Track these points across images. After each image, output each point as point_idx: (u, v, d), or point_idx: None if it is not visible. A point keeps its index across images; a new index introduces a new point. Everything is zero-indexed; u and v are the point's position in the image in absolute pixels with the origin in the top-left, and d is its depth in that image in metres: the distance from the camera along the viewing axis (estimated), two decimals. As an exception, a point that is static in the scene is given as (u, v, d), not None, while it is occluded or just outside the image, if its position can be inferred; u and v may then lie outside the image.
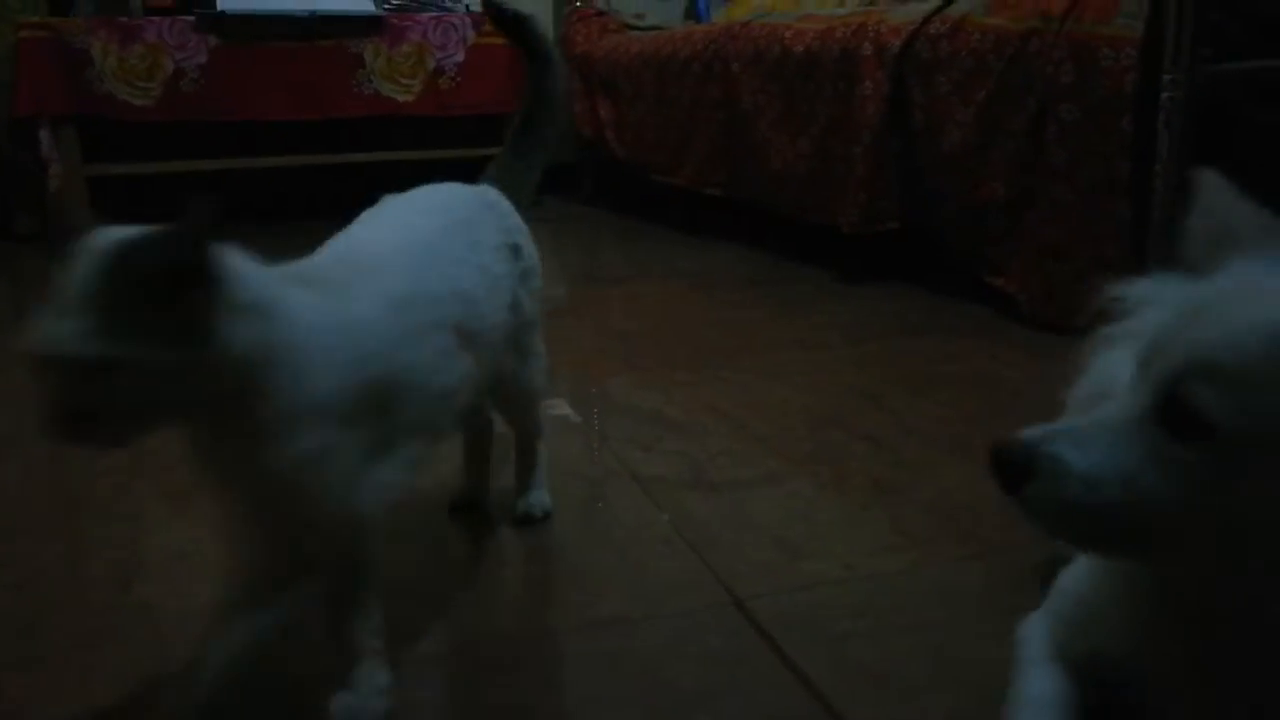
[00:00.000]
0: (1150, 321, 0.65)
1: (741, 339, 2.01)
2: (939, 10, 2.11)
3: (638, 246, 3.15)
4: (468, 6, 3.58)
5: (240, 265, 0.72)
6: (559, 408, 1.59)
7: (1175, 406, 0.55)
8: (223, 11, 3.18)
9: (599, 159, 3.66)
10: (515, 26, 1.14)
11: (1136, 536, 0.58)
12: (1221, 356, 0.53)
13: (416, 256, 0.90)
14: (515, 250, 1.05)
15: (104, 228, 0.69)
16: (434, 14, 3.43)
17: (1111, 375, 0.81)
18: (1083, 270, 1.80)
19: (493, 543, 1.17)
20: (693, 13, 3.97)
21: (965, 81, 2.01)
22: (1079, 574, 0.78)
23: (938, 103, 2.08)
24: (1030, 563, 1.00)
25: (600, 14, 3.78)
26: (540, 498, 1.19)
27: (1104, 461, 0.57)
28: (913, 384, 1.66)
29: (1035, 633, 0.79)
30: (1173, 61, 1.64)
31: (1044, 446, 0.58)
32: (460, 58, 3.44)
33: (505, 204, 1.07)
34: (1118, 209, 1.74)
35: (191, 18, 3.15)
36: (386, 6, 3.43)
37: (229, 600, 0.84)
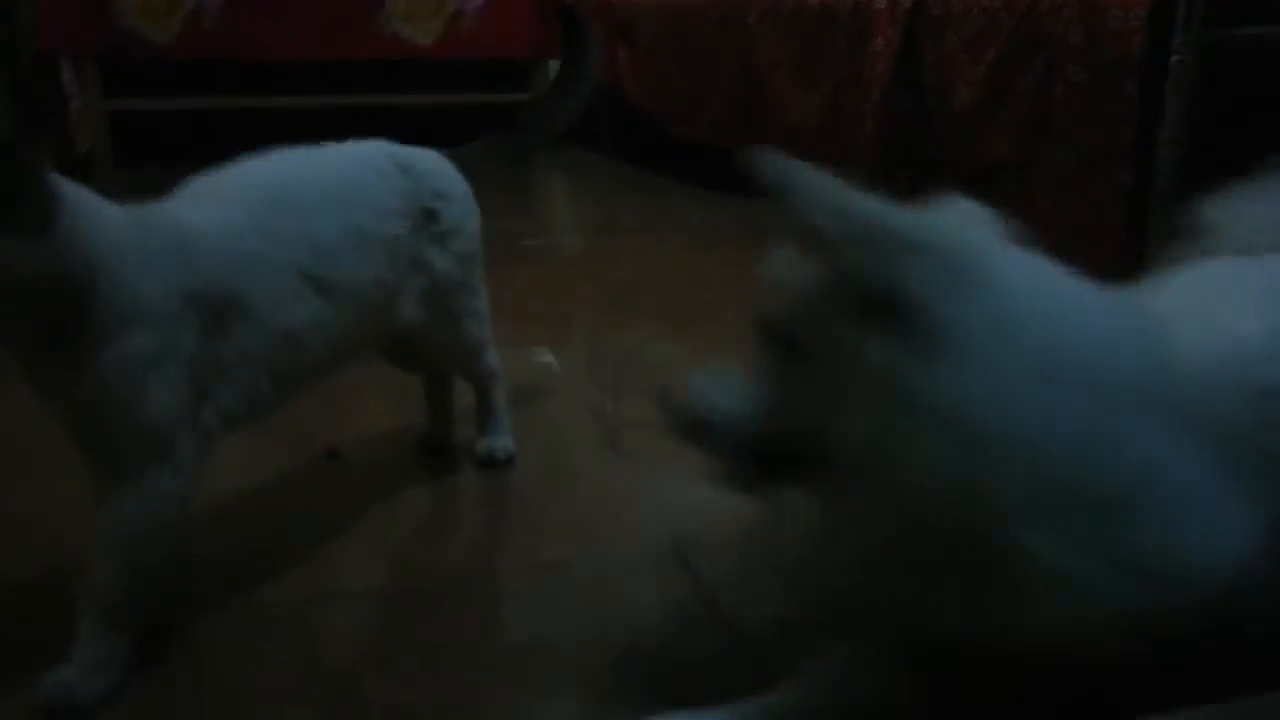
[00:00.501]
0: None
1: (735, 294, 2.00)
2: (954, -36, 2.06)
3: (650, 198, 3.13)
4: (491, -52, 3.55)
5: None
6: (542, 355, 1.60)
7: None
8: (244, -52, 3.17)
9: (618, 107, 3.63)
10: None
11: None
12: None
13: (270, 195, 0.92)
14: (429, 214, 1.06)
15: None
16: (456, -45, 3.41)
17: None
18: (1082, 236, 1.77)
19: (452, 484, 1.20)
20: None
21: (976, 39, 1.97)
22: None
23: (948, 60, 2.04)
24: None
25: (624, -43, 3.72)
26: (502, 442, 1.21)
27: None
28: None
29: None
30: (1183, 24, 1.60)
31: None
32: (481, 1, 3.41)
33: (431, 169, 1.09)
34: (1119, 176, 1.71)
35: (213, -47, 3.15)
36: (409, -53, 3.41)
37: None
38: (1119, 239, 1.73)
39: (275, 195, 0.93)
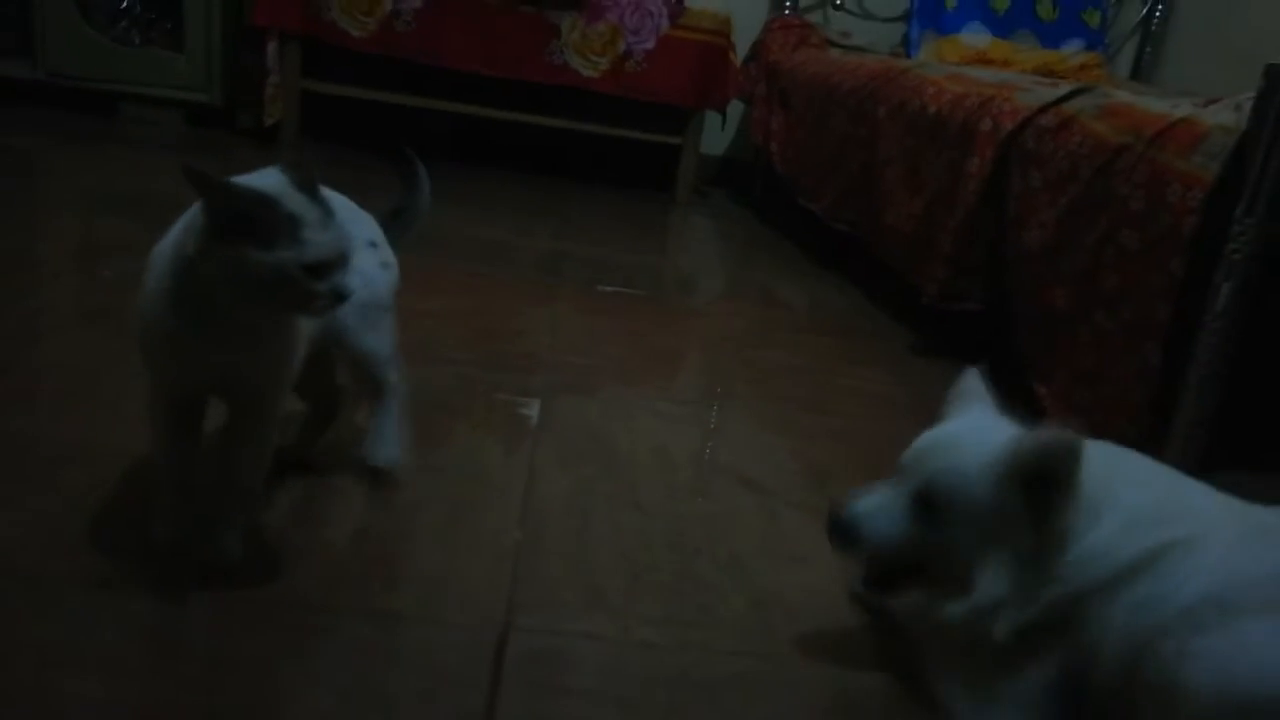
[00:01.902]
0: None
1: (770, 382, 2.03)
2: (1058, 101, 2.01)
3: (755, 262, 3.18)
4: (675, -4, 3.67)
5: None
6: (527, 406, 1.70)
7: (925, 499, 1.03)
8: (446, -36, 3.43)
9: (768, 168, 3.69)
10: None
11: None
12: (943, 479, 1.03)
13: None
14: (372, 244, 1.27)
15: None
16: (635, -1, 3.55)
17: None
18: (1107, 405, 1.71)
19: (342, 506, 1.31)
20: (905, 41, 3.88)
21: (1056, 182, 1.92)
22: None
23: (1029, 197, 1.99)
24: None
25: (804, 24, 3.77)
26: (389, 452, 1.29)
27: (884, 524, 1.05)
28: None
29: None
30: (1247, 210, 1.52)
31: (853, 515, 1.06)
32: (650, 45, 3.54)
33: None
34: (1149, 351, 1.63)
35: (418, -35, 3.42)
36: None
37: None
38: (1144, 413, 1.65)
39: None
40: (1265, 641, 0.84)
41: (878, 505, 1.05)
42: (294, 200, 0.96)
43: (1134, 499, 1.01)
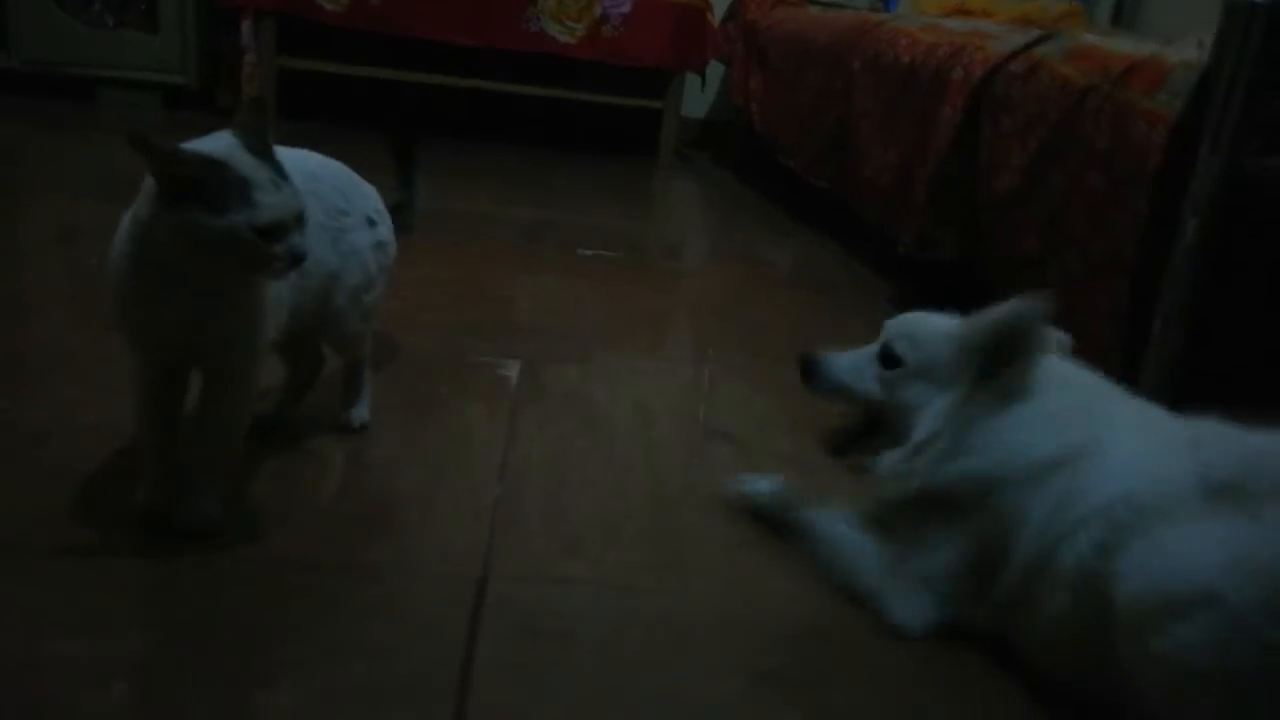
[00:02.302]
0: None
1: (751, 338, 2.05)
2: (1026, 47, 2.02)
3: (737, 223, 3.19)
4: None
5: None
6: (508, 368, 1.72)
7: (887, 351, 1.18)
8: (417, -66, 3.41)
9: (748, 129, 3.68)
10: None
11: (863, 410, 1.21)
12: (903, 333, 1.18)
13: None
14: (370, 223, 1.31)
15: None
16: (611, -38, 3.54)
17: None
18: (1081, 346, 1.72)
19: (322, 468, 1.33)
20: (883, -4, 3.86)
21: (1026, 127, 1.92)
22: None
23: (999, 143, 2.00)
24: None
25: (782, -17, 3.75)
26: (359, 413, 1.42)
27: (848, 365, 1.22)
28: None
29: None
30: (1211, 147, 1.53)
31: (820, 355, 1.24)
32: (627, 9, 3.53)
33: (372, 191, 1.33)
34: (1119, 289, 1.65)
35: (388, -64, 3.40)
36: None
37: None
38: (1115, 352, 1.67)
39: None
40: (1180, 545, 0.88)
41: (845, 355, 1.23)
42: (243, 162, 0.97)
43: (1061, 399, 1.08)
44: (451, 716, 0.91)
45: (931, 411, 1.12)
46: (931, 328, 1.17)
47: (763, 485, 1.32)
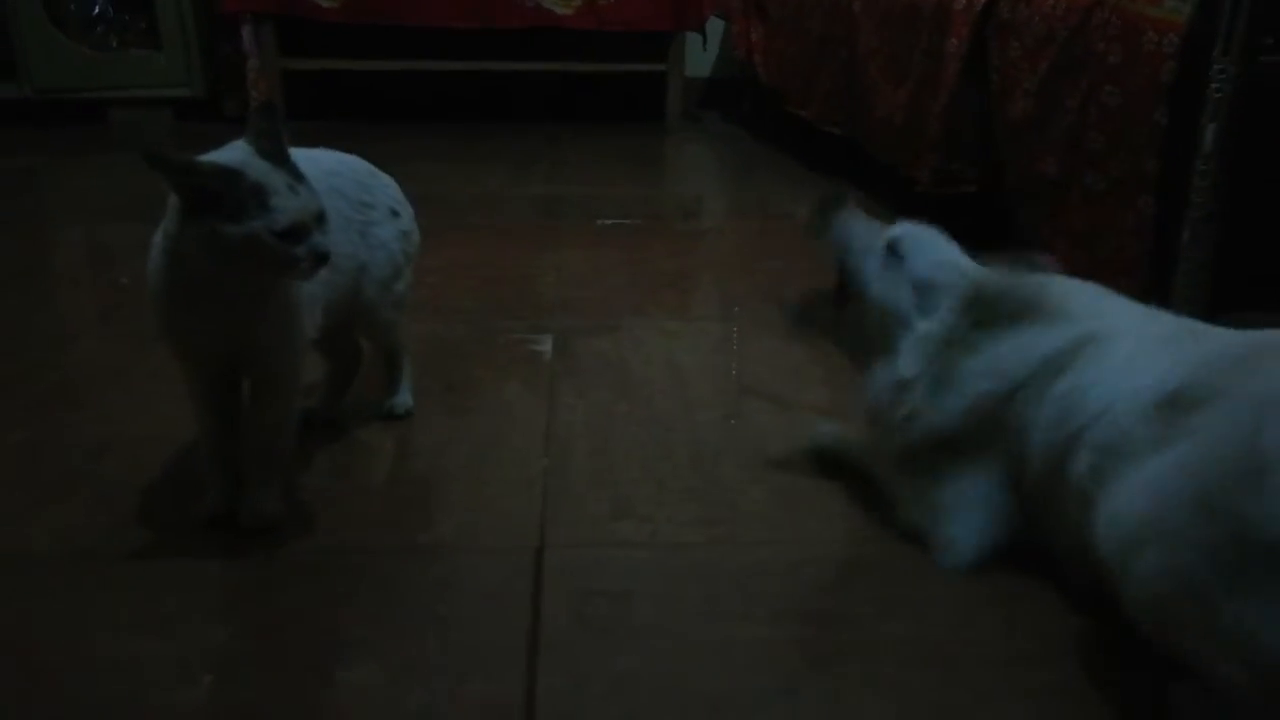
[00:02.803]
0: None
1: (774, 289, 2.05)
2: (1027, -32, 1.99)
3: (752, 179, 3.18)
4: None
5: None
6: (541, 343, 1.74)
7: (893, 245, 1.20)
8: (405, -79, 3.41)
9: (754, 82, 3.66)
10: None
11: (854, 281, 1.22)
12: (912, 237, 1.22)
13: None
14: (394, 213, 1.33)
15: None
16: (601, -72, 3.51)
17: None
18: (1106, 264, 1.72)
19: (373, 456, 1.37)
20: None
21: (1034, 49, 1.91)
22: None
23: (1009, 68, 1.99)
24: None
25: (774, -69, 3.71)
26: (403, 400, 1.45)
27: (862, 234, 1.24)
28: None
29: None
30: (1224, 50, 1.51)
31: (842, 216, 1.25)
32: (620, -26, 3.51)
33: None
34: (1143, 204, 1.64)
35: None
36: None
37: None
38: (1143, 268, 1.67)
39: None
40: (1130, 483, 0.89)
41: (860, 217, 1.26)
42: (258, 169, 0.99)
43: (1054, 300, 1.10)
44: (524, 680, 0.94)
45: (913, 342, 1.14)
46: (948, 257, 1.20)
47: (826, 432, 1.36)
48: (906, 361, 1.14)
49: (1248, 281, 1.64)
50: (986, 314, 1.10)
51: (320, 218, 1.04)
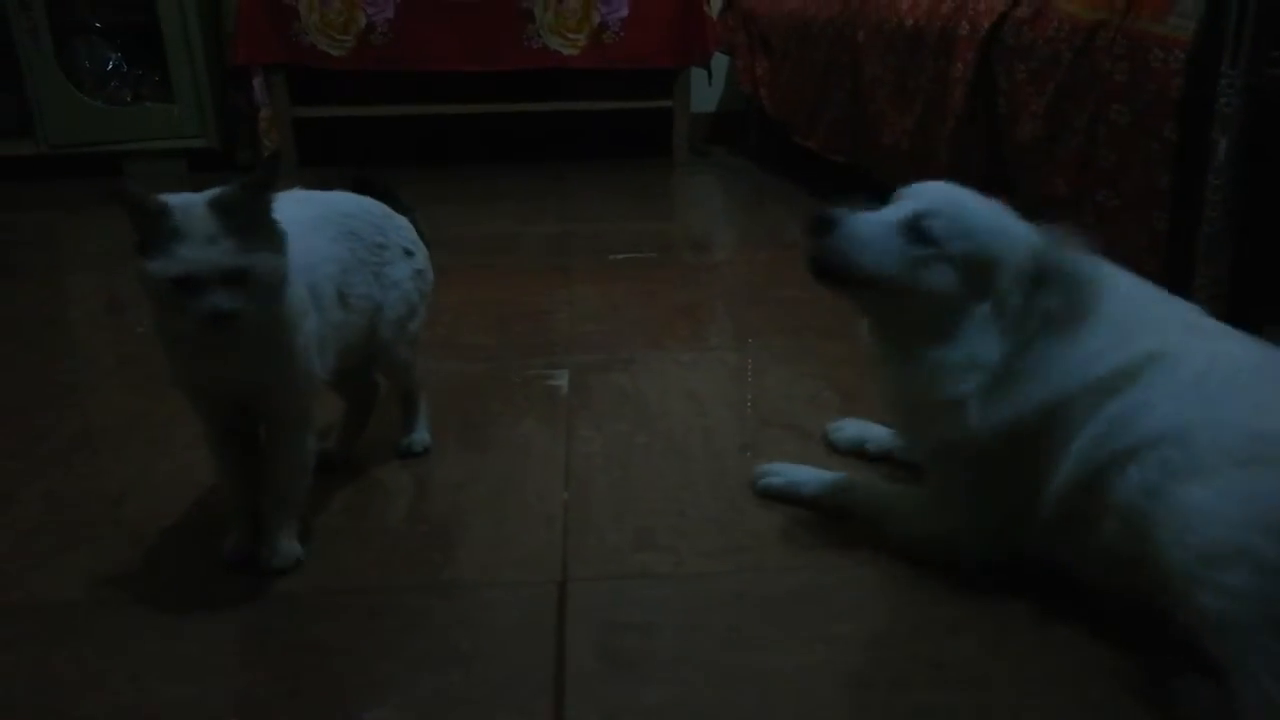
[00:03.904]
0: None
1: (788, 316, 2.06)
2: (1030, -9, 2.00)
3: (762, 210, 3.19)
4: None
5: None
6: (556, 378, 1.74)
7: (916, 224, 1.06)
8: (410, -31, 3.47)
9: (760, 114, 3.69)
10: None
11: (869, 284, 1.08)
12: (943, 209, 1.07)
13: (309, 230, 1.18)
14: (407, 253, 1.33)
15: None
16: (601, -32, 3.56)
17: None
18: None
19: (392, 494, 1.36)
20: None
21: (1040, 71, 1.91)
22: None
23: (1016, 91, 1.99)
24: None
25: (774, -34, 3.75)
26: (420, 437, 1.45)
27: (870, 236, 1.07)
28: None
29: None
30: (1231, 63, 1.52)
31: (842, 213, 1.09)
32: (624, 12, 3.56)
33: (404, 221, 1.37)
34: (1156, 221, 1.64)
35: (383, -26, 3.46)
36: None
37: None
38: (1159, 283, 1.66)
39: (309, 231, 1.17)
40: (1213, 500, 0.88)
41: (865, 219, 1.09)
42: (191, 215, 0.97)
43: (1118, 309, 1.05)
44: (553, 715, 0.93)
45: (979, 328, 1.04)
46: (983, 215, 1.06)
47: (789, 473, 1.31)
48: (981, 345, 1.04)
49: (1266, 295, 1.63)
50: (1056, 302, 1.02)
51: (232, 276, 0.98)
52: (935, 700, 0.95)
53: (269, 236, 1.02)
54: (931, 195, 1.09)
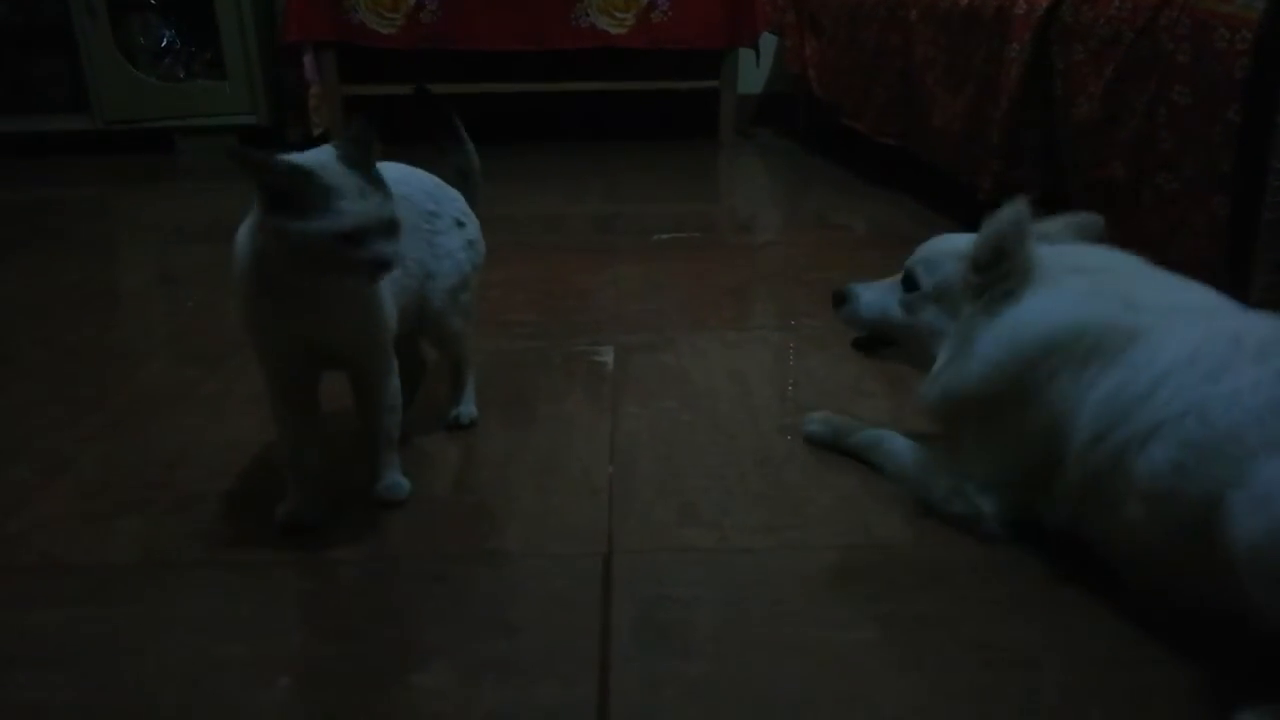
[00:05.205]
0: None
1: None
2: (1089, -30, 1.96)
3: (808, 192, 3.16)
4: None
5: None
6: (602, 355, 1.74)
7: (909, 275, 1.24)
8: (460, -53, 3.47)
9: (808, 95, 3.65)
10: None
11: (887, 338, 1.30)
12: (924, 255, 1.23)
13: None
14: (459, 224, 1.35)
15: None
16: (654, -53, 3.54)
17: None
18: (1180, 266, 1.67)
19: (439, 466, 1.37)
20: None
21: (1099, 51, 1.87)
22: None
23: (1073, 71, 1.95)
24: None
25: (825, -54, 3.71)
26: (468, 410, 1.47)
27: (874, 298, 1.29)
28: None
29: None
30: (1300, 46, 1.48)
31: (852, 288, 1.31)
32: (673, -8, 3.53)
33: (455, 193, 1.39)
34: (1216, 205, 1.60)
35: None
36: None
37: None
38: (1218, 269, 1.62)
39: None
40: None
41: (871, 286, 1.30)
42: (332, 172, 1.01)
43: (1072, 279, 1.09)
44: (597, 684, 0.94)
45: (949, 333, 1.17)
46: (945, 249, 1.21)
47: (817, 419, 1.42)
48: (942, 352, 1.18)
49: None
50: (992, 276, 1.12)
51: (389, 226, 1.05)
52: (984, 681, 0.94)
53: (385, 187, 1.06)
54: (919, 251, 1.25)
